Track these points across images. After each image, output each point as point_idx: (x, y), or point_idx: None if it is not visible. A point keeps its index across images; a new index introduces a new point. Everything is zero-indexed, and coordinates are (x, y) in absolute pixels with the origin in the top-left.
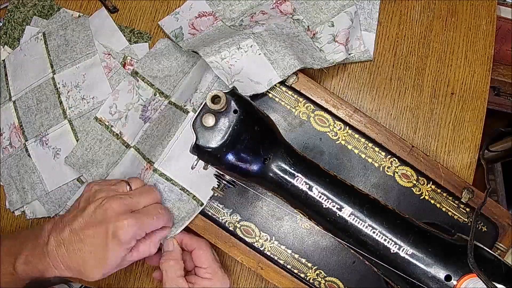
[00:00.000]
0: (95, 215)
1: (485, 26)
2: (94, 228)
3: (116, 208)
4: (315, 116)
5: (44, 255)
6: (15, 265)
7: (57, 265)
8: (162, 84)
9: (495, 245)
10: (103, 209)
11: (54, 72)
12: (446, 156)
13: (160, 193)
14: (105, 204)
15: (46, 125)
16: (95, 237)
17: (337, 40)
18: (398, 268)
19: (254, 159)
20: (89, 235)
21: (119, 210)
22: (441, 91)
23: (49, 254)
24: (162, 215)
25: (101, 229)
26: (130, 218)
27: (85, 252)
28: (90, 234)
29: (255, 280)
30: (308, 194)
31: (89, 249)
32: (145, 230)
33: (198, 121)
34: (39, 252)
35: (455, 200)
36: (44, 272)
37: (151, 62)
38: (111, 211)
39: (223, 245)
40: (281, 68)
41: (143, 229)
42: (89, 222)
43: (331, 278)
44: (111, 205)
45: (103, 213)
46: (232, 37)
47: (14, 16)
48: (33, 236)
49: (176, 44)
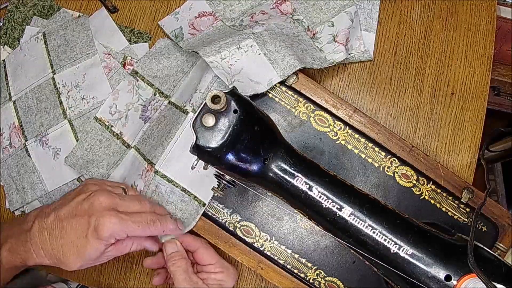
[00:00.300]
0: (81, 205)
1: (485, 26)
2: (78, 218)
3: (103, 202)
4: (315, 116)
5: (27, 241)
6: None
7: (37, 252)
8: (162, 84)
9: (495, 245)
10: (91, 201)
11: (54, 72)
12: (446, 156)
13: (162, 194)
14: (94, 196)
15: (46, 125)
16: (77, 227)
17: (337, 40)
18: (398, 268)
19: (254, 159)
20: (72, 224)
21: (105, 205)
22: (441, 91)
23: (31, 239)
24: (149, 226)
25: (84, 220)
26: (114, 217)
27: (66, 240)
28: (73, 224)
29: (255, 280)
30: (308, 194)
31: (70, 238)
32: (126, 233)
33: (198, 121)
34: (23, 238)
35: (455, 200)
36: (25, 260)
37: (151, 61)
38: (98, 204)
39: (223, 245)
40: (281, 68)
41: (124, 231)
42: (74, 211)
43: (331, 278)
44: (98, 198)
45: (89, 204)
46: (232, 37)
47: (14, 16)
48: (19, 222)
49: (175, 43)
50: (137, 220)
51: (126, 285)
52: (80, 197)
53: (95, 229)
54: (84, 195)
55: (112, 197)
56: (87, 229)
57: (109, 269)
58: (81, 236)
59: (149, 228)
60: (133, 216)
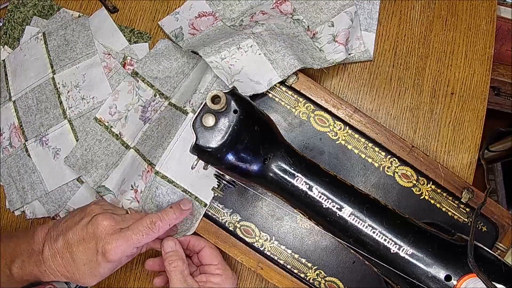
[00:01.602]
0: (86, 230)
1: (485, 26)
2: (85, 244)
3: (107, 225)
4: (315, 116)
5: (40, 263)
6: (11, 269)
7: (53, 273)
8: (162, 85)
9: (495, 245)
10: (95, 225)
11: (54, 72)
12: (446, 156)
13: (163, 195)
14: (97, 219)
15: (46, 125)
16: (86, 252)
17: (337, 40)
18: (398, 268)
19: (254, 159)
20: (80, 249)
21: (109, 229)
22: (441, 91)
23: (45, 262)
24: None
25: (92, 245)
26: (119, 240)
27: (78, 263)
28: (81, 249)
29: (255, 280)
30: (308, 194)
31: (82, 261)
32: (135, 247)
33: (198, 121)
34: (35, 259)
35: (455, 200)
36: (40, 277)
37: (151, 62)
38: (102, 229)
39: (223, 245)
40: (281, 68)
41: (133, 246)
42: (81, 236)
43: (331, 278)
44: (102, 222)
45: (94, 229)
46: (232, 37)
47: (14, 16)
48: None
49: (176, 44)
50: (139, 229)
51: (126, 285)
52: (84, 220)
53: (103, 254)
54: (87, 218)
55: (114, 220)
56: (96, 255)
57: None
58: (92, 260)
59: (153, 230)
60: (134, 228)
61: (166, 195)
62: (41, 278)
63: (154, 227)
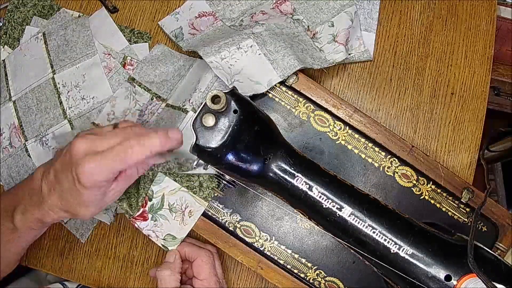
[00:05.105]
0: (65, 156)
1: (485, 26)
2: (65, 171)
3: (80, 148)
4: (315, 116)
5: (41, 202)
6: (13, 219)
7: (52, 209)
8: (159, 89)
9: (495, 245)
10: (70, 149)
11: (54, 72)
12: (446, 156)
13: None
14: (73, 143)
15: (46, 125)
16: (66, 180)
17: (337, 40)
18: (398, 268)
19: (254, 159)
20: (63, 178)
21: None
22: (441, 91)
23: (44, 199)
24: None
25: (68, 172)
26: (91, 162)
27: (66, 194)
28: (64, 178)
29: (255, 280)
30: (308, 194)
31: (68, 191)
32: (111, 171)
33: (198, 121)
34: (36, 199)
35: (455, 200)
36: (42, 218)
37: (147, 68)
38: (76, 152)
39: (223, 245)
40: (281, 68)
41: (108, 170)
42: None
43: (331, 278)
44: (76, 145)
45: (69, 155)
46: (232, 37)
47: (14, 16)
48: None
49: (172, 50)
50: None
51: (126, 285)
52: (66, 147)
53: (78, 181)
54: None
55: (89, 140)
56: (73, 183)
57: (109, 269)
58: (73, 188)
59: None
60: (113, 150)
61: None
62: (43, 219)
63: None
